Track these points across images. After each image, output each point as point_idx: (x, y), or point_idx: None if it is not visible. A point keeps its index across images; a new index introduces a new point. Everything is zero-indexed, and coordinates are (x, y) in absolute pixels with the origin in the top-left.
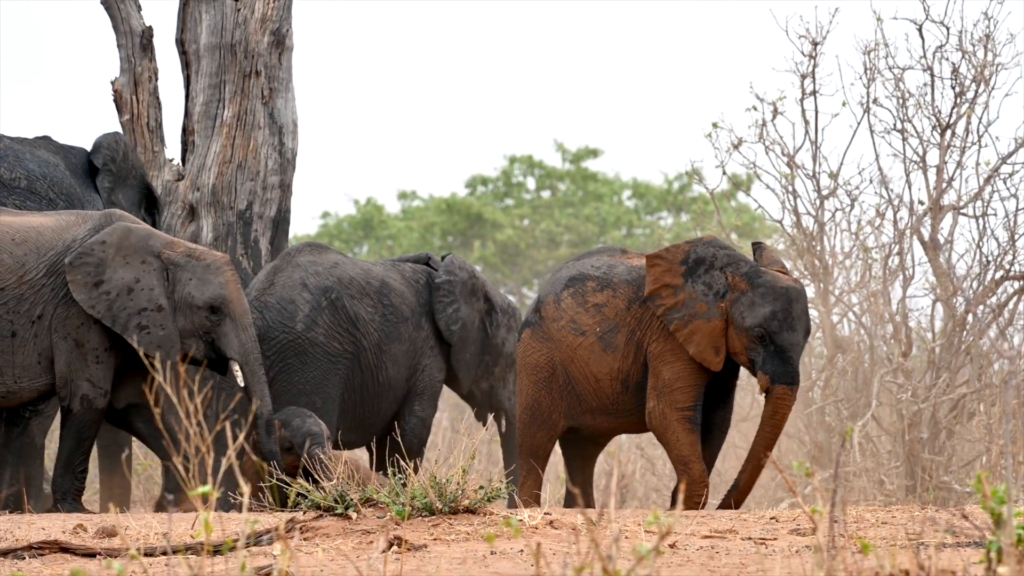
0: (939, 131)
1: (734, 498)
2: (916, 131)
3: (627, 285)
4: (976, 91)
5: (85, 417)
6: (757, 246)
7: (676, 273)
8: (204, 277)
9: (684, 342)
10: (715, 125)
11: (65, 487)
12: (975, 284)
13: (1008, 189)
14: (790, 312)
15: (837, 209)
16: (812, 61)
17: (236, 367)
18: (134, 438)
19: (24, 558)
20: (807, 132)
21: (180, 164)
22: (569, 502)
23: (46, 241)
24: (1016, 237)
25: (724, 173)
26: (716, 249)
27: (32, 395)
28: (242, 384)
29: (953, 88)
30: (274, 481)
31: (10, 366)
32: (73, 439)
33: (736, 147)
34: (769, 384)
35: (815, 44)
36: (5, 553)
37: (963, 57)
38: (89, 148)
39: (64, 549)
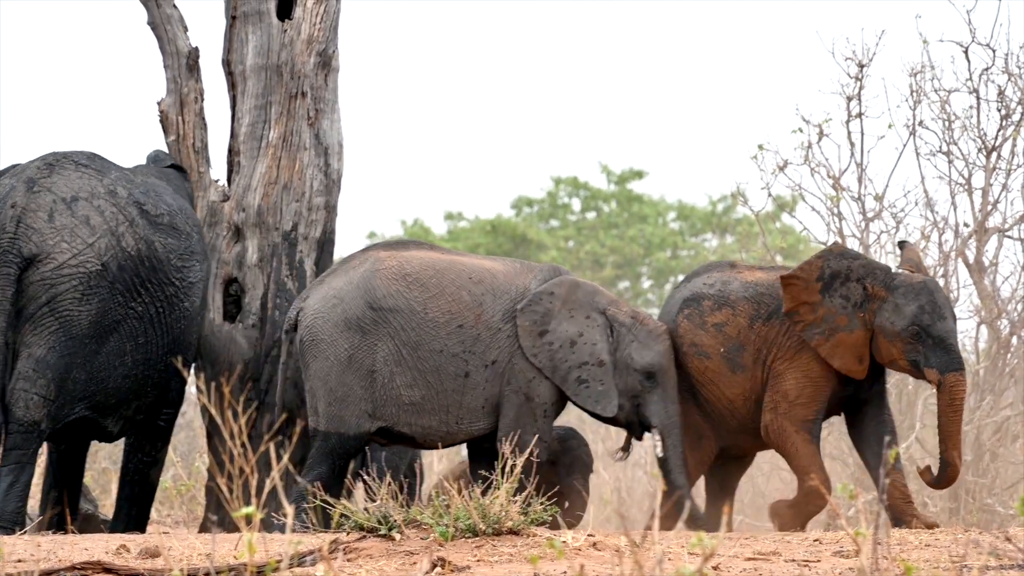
0: (985, 153)
1: (946, 482)
2: (962, 153)
3: (746, 302)
4: (1022, 113)
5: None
6: (903, 244)
7: (813, 290)
8: (646, 342)
9: (828, 357)
10: (761, 147)
11: None
12: (1020, 307)
13: None
14: (935, 302)
15: (882, 231)
16: (858, 83)
17: (657, 436)
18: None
19: None
20: (852, 154)
21: (225, 185)
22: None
23: (500, 285)
24: None
25: (769, 195)
26: (850, 261)
27: (465, 438)
28: (659, 455)
29: (999, 110)
30: (318, 502)
31: (456, 407)
32: None
33: (781, 169)
34: (939, 376)
35: (861, 66)
36: (48, 574)
37: (1009, 79)
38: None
39: (107, 570)
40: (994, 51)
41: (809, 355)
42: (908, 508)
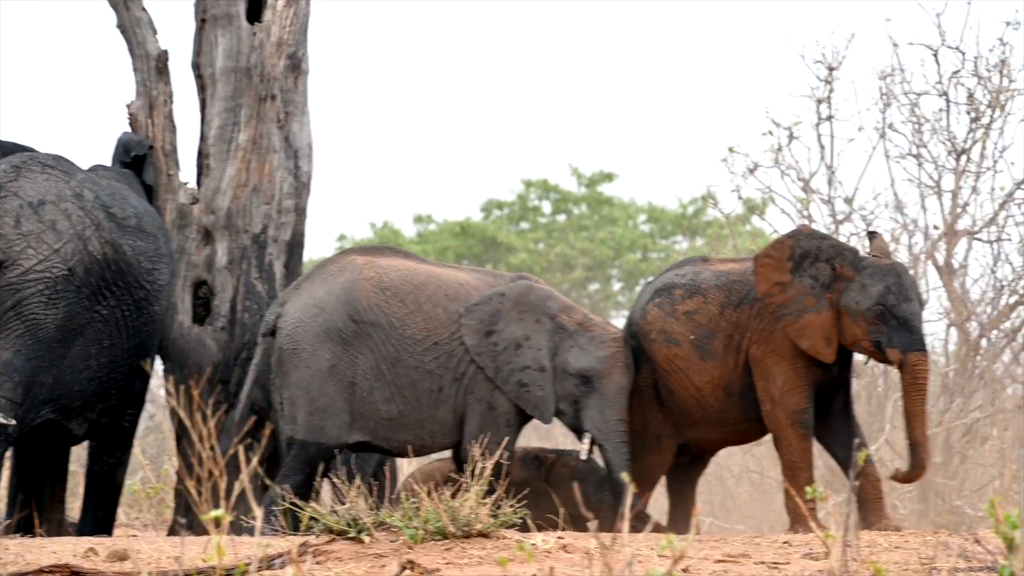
0: (954, 156)
1: (918, 467)
2: (931, 156)
3: (717, 290)
4: (991, 116)
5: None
6: (872, 235)
7: (784, 269)
8: (586, 347)
9: (796, 337)
10: (731, 150)
11: None
12: (989, 309)
13: (1022, 214)
14: (902, 284)
15: (852, 234)
16: (828, 86)
17: (587, 440)
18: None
19: None
20: (823, 157)
21: (195, 187)
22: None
23: (473, 300)
24: None
25: (739, 197)
26: (819, 241)
27: (438, 450)
28: (583, 457)
29: (968, 113)
30: (287, 505)
31: (431, 421)
32: None
33: (752, 172)
34: (901, 356)
35: (831, 69)
36: None
37: (979, 82)
38: (114, 158)
39: (75, 573)
40: (964, 54)
41: (783, 335)
42: (876, 506)
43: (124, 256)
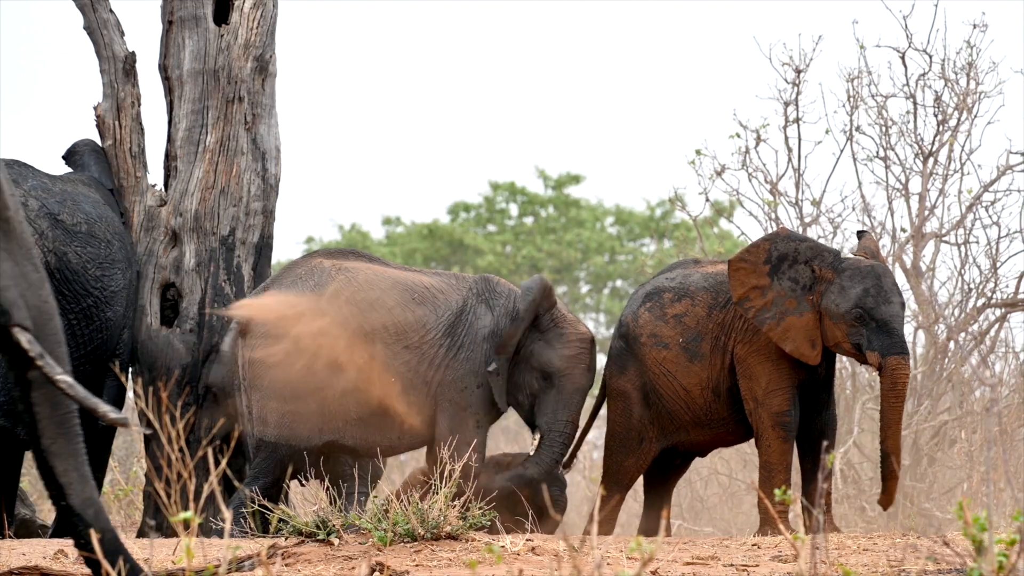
0: (921, 159)
1: (892, 478)
2: (899, 159)
3: (705, 292)
4: (958, 119)
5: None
6: (861, 234)
7: (761, 273)
8: (551, 342)
9: (779, 341)
10: (698, 152)
11: None
12: (957, 311)
13: (990, 217)
14: (881, 286)
15: (820, 236)
16: (795, 89)
17: (537, 436)
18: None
19: None
20: (790, 159)
21: (163, 190)
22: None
23: (441, 303)
24: (997, 265)
25: (707, 200)
26: (797, 243)
27: (406, 450)
28: (531, 452)
29: (936, 116)
30: (256, 507)
31: (400, 422)
32: None
33: (719, 174)
34: (880, 359)
35: (798, 72)
36: None
37: (946, 85)
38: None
39: (45, 574)
40: (931, 56)
41: (767, 336)
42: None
43: (69, 264)
